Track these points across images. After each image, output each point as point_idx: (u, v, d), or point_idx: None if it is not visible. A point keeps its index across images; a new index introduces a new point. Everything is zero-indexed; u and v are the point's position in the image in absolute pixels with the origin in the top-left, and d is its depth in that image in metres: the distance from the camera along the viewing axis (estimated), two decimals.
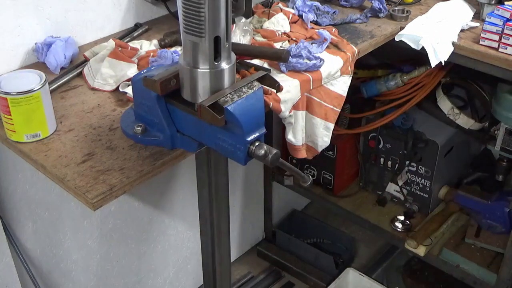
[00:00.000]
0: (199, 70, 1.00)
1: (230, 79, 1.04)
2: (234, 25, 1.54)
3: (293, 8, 1.75)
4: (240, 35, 1.52)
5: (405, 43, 1.73)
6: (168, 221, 2.17)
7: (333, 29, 1.70)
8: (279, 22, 1.66)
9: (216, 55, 0.99)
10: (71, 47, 1.52)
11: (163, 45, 1.53)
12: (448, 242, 2.14)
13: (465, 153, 2.33)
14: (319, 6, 1.79)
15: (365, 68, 2.16)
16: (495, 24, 1.65)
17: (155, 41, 1.57)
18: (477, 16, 1.86)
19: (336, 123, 1.67)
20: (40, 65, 1.47)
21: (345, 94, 1.59)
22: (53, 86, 1.38)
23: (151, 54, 1.46)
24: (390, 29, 1.76)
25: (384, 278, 2.52)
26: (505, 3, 1.72)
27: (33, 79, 1.19)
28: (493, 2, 1.81)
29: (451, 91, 2.17)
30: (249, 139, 1.00)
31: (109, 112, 1.31)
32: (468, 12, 1.86)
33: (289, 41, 1.61)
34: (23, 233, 1.74)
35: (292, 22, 1.70)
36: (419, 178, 2.20)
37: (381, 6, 1.82)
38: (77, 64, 1.49)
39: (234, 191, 2.45)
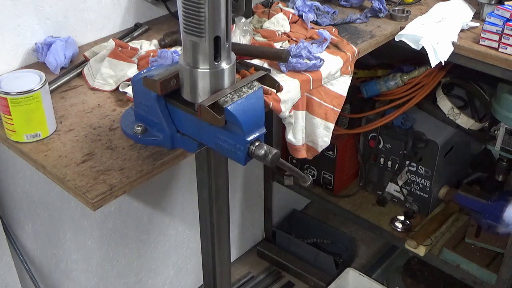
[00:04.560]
0: (199, 70, 1.00)
1: (230, 79, 1.04)
2: (234, 25, 1.54)
3: (293, 8, 1.75)
4: (240, 35, 1.52)
5: (405, 43, 1.73)
6: (168, 221, 2.17)
7: (333, 29, 1.70)
8: (279, 22, 1.66)
9: (216, 55, 0.99)
10: (71, 47, 1.52)
11: (163, 45, 1.53)
12: (448, 242, 2.14)
13: (465, 153, 2.33)
14: (319, 6, 1.79)
15: (365, 68, 2.16)
16: (495, 24, 1.65)
17: (155, 41, 1.57)
18: (477, 16, 1.86)
19: (336, 123, 1.67)
20: (40, 65, 1.47)
21: (345, 94, 1.59)
22: (53, 86, 1.38)
23: (151, 54, 1.46)
24: (390, 29, 1.76)
25: (384, 278, 2.52)
26: (505, 3, 1.72)
27: (33, 79, 1.19)
28: (493, 2, 1.81)
29: (451, 91, 2.17)
30: (249, 139, 1.00)
31: (109, 112, 1.31)
32: (468, 12, 1.86)
33: (289, 41, 1.61)
34: (23, 233, 1.74)
35: (292, 22, 1.70)
36: (419, 178, 2.20)
37: (381, 6, 1.82)
38: (77, 64, 1.49)
39: (234, 191, 2.45)
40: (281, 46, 1.58)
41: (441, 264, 2.11)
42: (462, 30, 1.78)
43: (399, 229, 2.22)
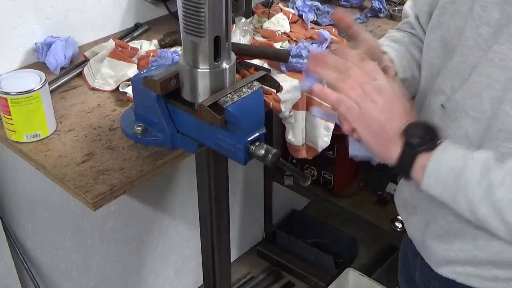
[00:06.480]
0: (199, 70, 1.00)
1: (230, 79, 1.04)
2: (234, 25, 1.54)
3: (293, 8, 1.75)
4: (240, 35, 1.52)
5: None
6: (168, 221, 2.17)
7: (333, 29, 1.70)
8: (279, 22, 1.66)
9: (216, 55, 0.99)
10: (71, 47, 1.52)
11: (163, 45, 1.53)
12: None
13: None
14: (319, 6, 1.79)
15: None
16: None
17: (155, 41, 1.57)
18: None
19: (336, 123, 1.67)
20: (40, 65, 1.47)
21: None
22: (53, 86, 1.38)
23: (151, 54, 1.46)
24: (390, 29, 1.76)
25: (384, 278, 2.51)
26: None
27: (33, 79, 1.19)
28: None
29: None
30: (249, 139, 1.00)
31: (109, 112, 1.31)
32: None
33: (289, 41, 1.61)
34: (23, 233, 1.74)
35: (292, 22, 1.70)
36: None
37: (381, 6, 1.83)
38: (77, 64, 1.49)
39: (234, 191, 2.45)
40: (281, 46, 1.58)
41: None
42: None
43: (399, 229, 2.22)
